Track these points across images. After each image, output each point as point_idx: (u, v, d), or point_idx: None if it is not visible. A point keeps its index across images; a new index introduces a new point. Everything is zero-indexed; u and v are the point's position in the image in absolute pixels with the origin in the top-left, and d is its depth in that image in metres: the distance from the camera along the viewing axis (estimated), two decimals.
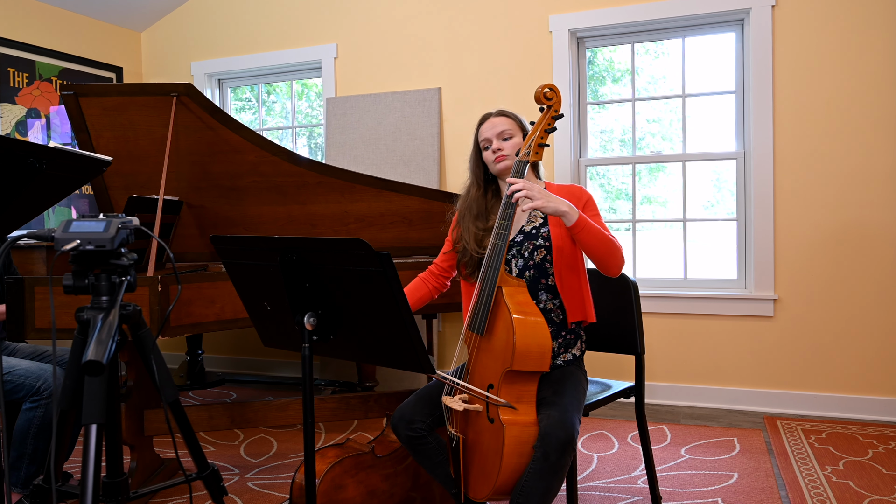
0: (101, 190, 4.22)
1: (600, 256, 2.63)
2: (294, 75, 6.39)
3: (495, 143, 2.89)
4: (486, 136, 2.93)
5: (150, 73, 6.72)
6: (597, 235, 2.60)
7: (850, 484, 3.57)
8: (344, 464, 2.93)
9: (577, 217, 2.56)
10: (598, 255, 2.63)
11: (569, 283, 2.80)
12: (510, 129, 2.89)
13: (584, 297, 2.84)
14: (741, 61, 5.02)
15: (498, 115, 2.95)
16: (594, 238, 2.59)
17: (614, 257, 2.65)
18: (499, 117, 2.94)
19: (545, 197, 2.53)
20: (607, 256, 2.63)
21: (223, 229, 4.43)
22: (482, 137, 2.95)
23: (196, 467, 2.35)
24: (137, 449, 3.55)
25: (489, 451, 2.49)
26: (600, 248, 2.61)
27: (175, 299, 2.48)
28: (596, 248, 2.60)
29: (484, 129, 2.95)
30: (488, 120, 2.96)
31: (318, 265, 2.05)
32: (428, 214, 4.35)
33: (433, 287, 3.12)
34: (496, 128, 2.91)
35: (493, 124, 2.92)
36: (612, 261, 2.65)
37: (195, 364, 5.89)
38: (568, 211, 2.55)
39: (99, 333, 1.77)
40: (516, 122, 2.93)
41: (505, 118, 2.93)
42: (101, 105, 3.97)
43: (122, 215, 1.97)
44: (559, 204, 2.55)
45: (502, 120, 2.92)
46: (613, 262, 2.66)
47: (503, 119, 2.93)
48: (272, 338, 2.43)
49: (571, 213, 2.55)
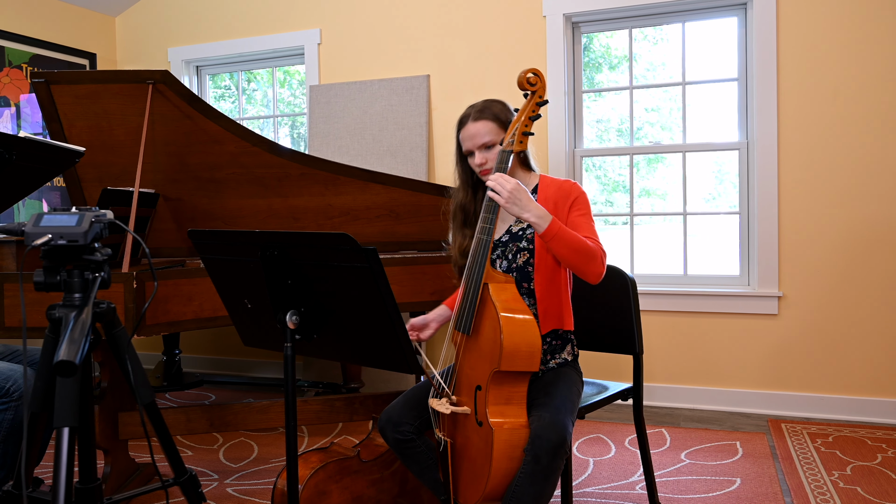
0: (73, 182, 4.21)
1: (574, 265, 2.61)
2: (276, 62, 6.39)
3: (478, 156, 2.83)
4: (468, 146, 2.87)
5: (124, 60, 6.70)
6: (570, 245, 2.56)
7: (857, 490, 3.58)
8: (328, 469, 2.93)
9: (547, 225, 2.53)
10: (571, 265, 2.61)
11: (547, 289, 2.79)
12: (491, 137, 2.81)
13: (562, 305, 2.82)
14: (744, 47, 5.03)
15: (476, 121, 2.85)
16: (566, 248, 2.56)
17: (590, 265, 2.60)
18: (477, 123, 2.84)
19: (514, 199, 2.50)
20: (581, 266, 2.60)
21: (201, 223, 4.42)
22: (464, 147, 2.90)
23: (173, 473, 2.36)
24: (111, 453, 3.55)
25: (478, 455, 2.50)
26: (573, 257, 2.58)
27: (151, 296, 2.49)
28: (568, 257, 2.58)
29: (464, 138, 2.89)
30: (465, 127, 2.88)
31: (300, 261, 2.06)
32: (416, 208, 4.36)
33: None
34: (476, 138, 2.83)
35: (472, 133, 2.84)
36: (586, 269, 2.61)
37: (172, 364, 5.87)
38: (536, 221, 2.52)
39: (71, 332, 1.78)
40: (497, 122, 2.83)
41: (484, 122, 2.83)
42: (73, 93, 3.96)
43: (95, 208, 1.97)
44: (525, 210, 2.52)
45: (481, 126, 2.83)
46: (589, 271, 2.62)
47: (482, 125, 2.83)
48: (253, 337, 2.44)
49: (540, 222, 2.53)
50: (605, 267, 2.66)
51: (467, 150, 2.89)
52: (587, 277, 2.64)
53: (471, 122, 2.86)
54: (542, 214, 2.54)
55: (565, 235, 2.56)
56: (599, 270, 2.64)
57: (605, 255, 2.66)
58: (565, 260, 2.60)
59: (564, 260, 2.60)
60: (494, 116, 2.84)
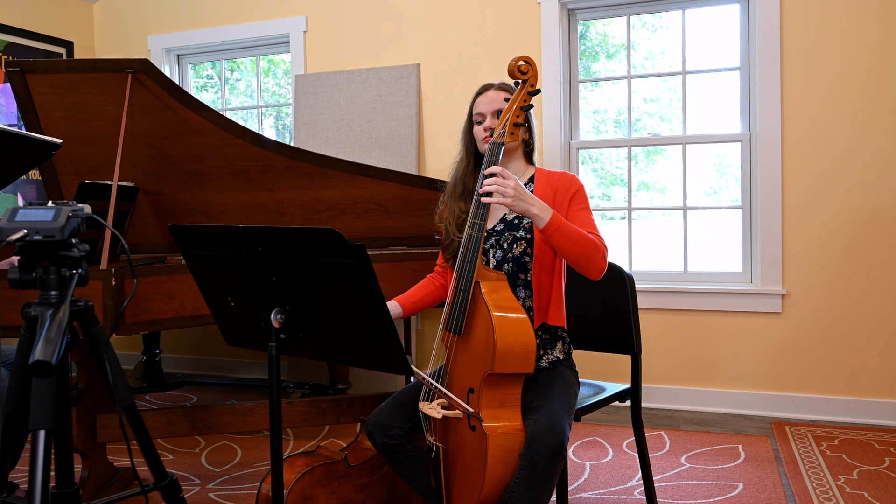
0: (49, 175, 4.21)
1: (575, 260, 2.62)
2: (260, 50, 6.38)
3: (488, 119, 2.88)
4: (481, 109, 2.91)
5: (103, 48, 6.69)
6: (572, 238, 2.58)
7: (864, 495, 3.59)
8: (314, 473, 2.94)
9: (548, 219, 2.55)
10: (573, 259, 2.62)
11: (543, 281, 2.81)
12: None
13: (557, 300, 2.84)
14: (746, 35, 5.05)
15: (499, 89, 2.93)
16: (568, 241, 2.58)
17: (592, 261, 2.62)
18: (500, 91, 2.92)
19: (519, 195, 2.53)
20: (584, 259, 2.61)
21: (183, 218, 4.42)
22: (476, 110, 2.94)
23: (153, 477, 2.36)
24: (89, 457, 3.54)
25: (472, 460, 2.50)
26: (575, 251, 2.59)
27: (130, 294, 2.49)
28: (570, 252, 2.59)
29: (480, 102, 2.94)
30: (487, 92, 2.94)
31: (286, 257, 2.06)
32: (406, 202, 4.36)
33: (440, 284, 3.12)
34: (493, 103, 2.89)
35: (491, 99, 2.91)
36: (589, 264, 2.63)
37: (152, 365, 5.87)
38: (538, 213, 2.54)
39: (47, 331, 1.77)
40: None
41: (506, 93, 2.91)
42: (50, 83, 3.96)
43: (72, 203, 1.97)
44: (530, 205, 2.54)
45: (503, 95, 2.90)
46: (591, 266, 2.64)
47: (504, 94, 2.91)
48: (236, 336, 2.44)
49: (542, 216, 2.55)
50: (607, 262, 2.69)
51: (479, 114, 2.92)
52: (589, 273, 2.66)
53: (493, 90, 2.94)
54: (544, 207, 2.57)
55: (567, 229, 2.58)
56: (602, 265, 2.66)
57: (606, 249, 2.68)
58: (568, 254, 2.60)
59: (567, 254, 2.61)
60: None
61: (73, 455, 2.18)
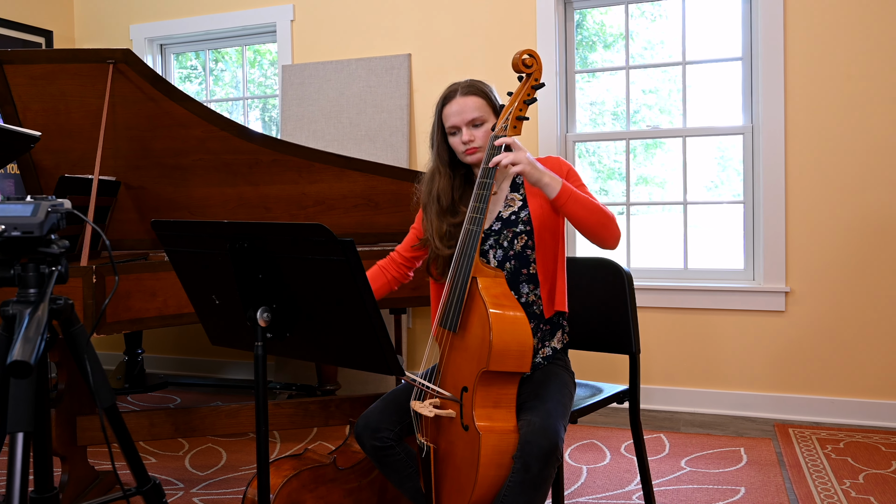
0: (28, 169, 4.20)
1: (592, 227, 2.63)
2: (245, 40, 6.37)
3: (465, 133, 2.82)
4: (454, 122, 2.84)
5: (83, 38, 6.67)
6: (586, 205, 2.61)
7: (870, 500, 3.60)
8: (301, 477, 2.94)
9: (560, 187, 2.57)
10: (589, 226, 2.63)
11: (549, 271, 2.82)
12: (481, 114, 2.82)
13: (563, 287, 2.85)
14: (749, 24, 5.05)
15: (466, 95, 2.84)
16: (583, 207, 2.60)
17: (608, 227, 2.65)
18: (467, 98, 2.84)
19: (532, 162, 2.56)
20: (599, 226, 2.63)
21: (166, 213, 4.42)
22: (449, 123, 2.87)
23: (135, 481, 2.36)
24: (69, 460, 3.55)
25: (463, 462, 2.51)
26: (591, 217, 2.61)
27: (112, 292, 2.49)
28: (586, 218, 2.61)
29: (450, 114, 2.86)
30: (454, 101, 2.86)
31: (272, 254, 2.06)
32: (396, 196, 4.36)
33: (392, 277, 3.10)
34: (465, 114, 2.82)
35: (461, 108, 2.83)
36: (605, 231, 2.65)
37: (134, 365, 5.86)
38: (550, 182, 2.57)
39: (26, 331, 1.78)
40: (487, 100, 2.85)
41: (474, 98, 2.84)
42: (28, 73, 3.95)
43: (52, 197, 1.97)
44: (543, 174, 2.57)
45: (472, 102, 2.83)
46: (608, 233, 2.66)
47: (473, 100, 2.83)
48: (221, 335, 2.44)
49: (554, 184, 2.57)
50: (620, 231, 2.72)
51: (452, 127, 2.86)
52: (606, 241, 2.69)
53: (459, 96, 2.85)
54: (555, 176, 2.60)
55: (579, 196, 2.61)
56: (617, 233, 2.70)
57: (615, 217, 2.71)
58: (583, 222, 2.62)
59: (582, 222, 2.62)
60: (484, 94, 2.86)
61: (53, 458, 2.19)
